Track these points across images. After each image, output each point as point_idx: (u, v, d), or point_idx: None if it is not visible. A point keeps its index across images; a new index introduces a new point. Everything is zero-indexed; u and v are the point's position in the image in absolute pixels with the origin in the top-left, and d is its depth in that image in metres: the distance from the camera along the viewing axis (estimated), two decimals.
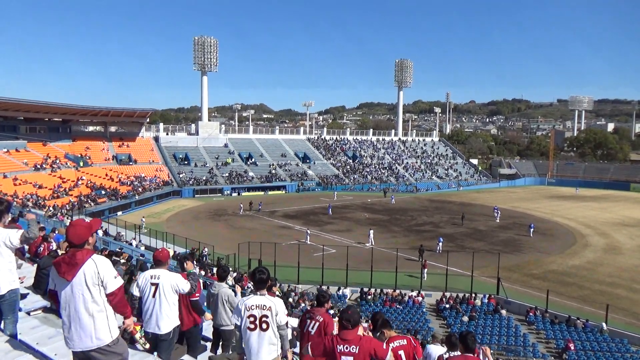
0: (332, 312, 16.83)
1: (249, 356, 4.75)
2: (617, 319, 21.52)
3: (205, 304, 7.16)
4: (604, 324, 20.43)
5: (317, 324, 5.33)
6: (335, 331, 5.50)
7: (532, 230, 38.49)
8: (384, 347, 4.43)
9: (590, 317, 21.53)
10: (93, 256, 3.76)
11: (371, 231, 34.85)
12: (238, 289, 7.91)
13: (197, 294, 5.89)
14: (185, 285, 5.28)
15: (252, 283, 4.93)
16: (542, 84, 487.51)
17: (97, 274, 3.71)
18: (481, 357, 5.15)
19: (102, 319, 3.77)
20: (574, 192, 71.07)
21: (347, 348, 4.12)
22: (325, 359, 4.22)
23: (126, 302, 4.13)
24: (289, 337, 6.69)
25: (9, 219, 4.91)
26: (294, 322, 7.12)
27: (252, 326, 4.68)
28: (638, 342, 19.50)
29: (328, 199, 57.66)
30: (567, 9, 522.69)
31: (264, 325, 4.64)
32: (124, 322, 4.25)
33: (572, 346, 18.69)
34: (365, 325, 6.86)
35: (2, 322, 4.96)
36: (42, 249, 10.13)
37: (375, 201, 58.60)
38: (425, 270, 26.84)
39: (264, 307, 4.65)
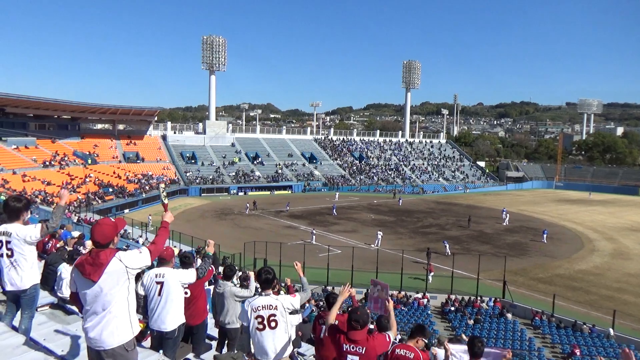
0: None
1: (260, 356, 4.76)
2: (624, 324, 21.31)
3: (211, 302, 7.20)
4: (611, 330, 20.25)
5: None
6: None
7: (545, 236, 37.39)
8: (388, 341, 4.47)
9: (597, 322, 21.34)
10: (117, 254, 3.73)
11: (380, 233, 34.72)
12: (251, 274, 7.83)
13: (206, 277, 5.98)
14: (191, 276, 5.33)
15: (257, 283, 4.94)
16: (550, 86, 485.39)
17: (125, 268, 3.70)
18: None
19: (125, 320, 3.76)
20: (587, 197, 70.27)
21: (353, 348, 4.13)
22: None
23: (161, 246, 4.15)
24: (293, 336, 6.69)
25: (28, 216, 4.96)
26: (296, 320, 7.08)
27: (260, 326, 4.70)
28: None
29: (330, 199, 57.66)
30: (577, 11, 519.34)
31: (273, 324, 4.66)
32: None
33: (577, 351, 18.54)
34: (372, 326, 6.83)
35: (20, 316, 5.01)
36: (49, 245, 10.22)
37: (381, 202, 58.49)
38: (431, 273, 26.77)
39: (271, 307, 4.67)
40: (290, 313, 4.77)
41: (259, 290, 5.07)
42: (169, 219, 4.42)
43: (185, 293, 5.57)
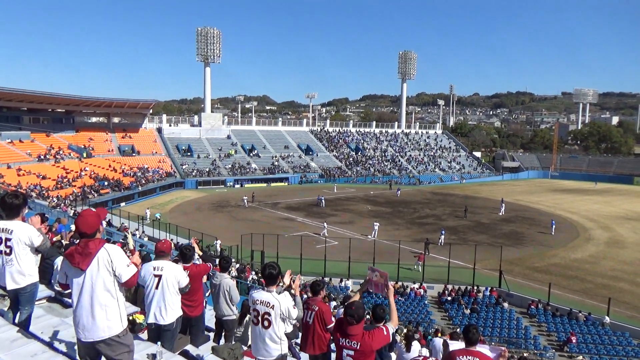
0: (334, 303, 16.92)
1: (253, 349, 4.78)
2: (619, 312, 21.55)
3: (207, 293, 7.22)
4: (606, 317, 20.45)
5: (314, 313, 5.37)
6: (331, 319, 5.51)
7: (553, 227, 37.01)
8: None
9: (592, 310, 21.55)
10: (105, 245, 3.77)
11: (376, 225, 34.74)
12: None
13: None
14: (184, 281, 5.32)
15: (262, 278, 4.95)
16: (546, 76, 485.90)
17: (111, 263, 3.72)
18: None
19: (114, 309, 3.79)
20: (593, 186, 70.29)
21: (349, 342, 4.18)
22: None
23: (136, 278, 4.04)
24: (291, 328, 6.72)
25: (26, 212, 4.90)
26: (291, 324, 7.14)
27: (255, 320, 4.70)
28: None
29: (329, 191, 57.74)
30: (572, 1, 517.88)
31: (265, 323, 4.61)
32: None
33: (573, 339, 18.74)
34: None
35: (18, 312, 4.99)
36: None
37: (377, 193, 58.56)
38: (419, 262, 26.91)
39: (268, 304, 4.60)
40: (282, 319, 4.67)
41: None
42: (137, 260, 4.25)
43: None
